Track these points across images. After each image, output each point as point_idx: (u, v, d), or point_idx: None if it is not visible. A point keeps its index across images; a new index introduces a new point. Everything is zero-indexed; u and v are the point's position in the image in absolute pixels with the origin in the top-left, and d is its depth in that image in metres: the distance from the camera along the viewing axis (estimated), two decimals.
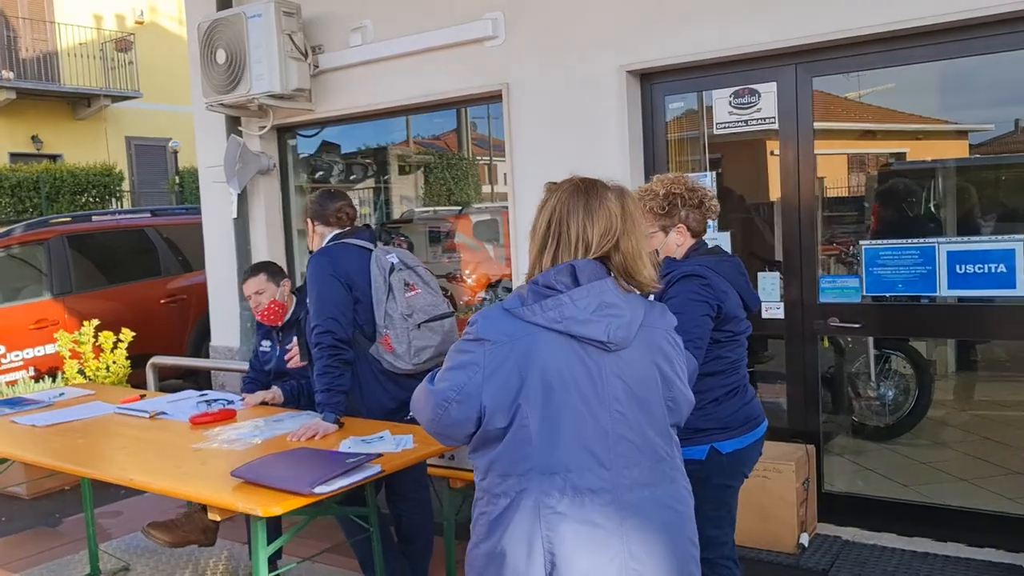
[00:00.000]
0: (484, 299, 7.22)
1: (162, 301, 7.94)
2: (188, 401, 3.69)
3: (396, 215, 7.64)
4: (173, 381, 7.62)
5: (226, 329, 6.74)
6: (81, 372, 6.08)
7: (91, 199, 14.65)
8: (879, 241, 4.17)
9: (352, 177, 7.20)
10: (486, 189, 7.85)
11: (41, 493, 5.63)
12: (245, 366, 5.97)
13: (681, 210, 2.78)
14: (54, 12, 18.20)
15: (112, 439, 3.19)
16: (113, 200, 15.07)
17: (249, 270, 4.02)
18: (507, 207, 7.79)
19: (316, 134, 6.66)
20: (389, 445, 2.84)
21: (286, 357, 3.78)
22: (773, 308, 4.39)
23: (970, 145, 4.57)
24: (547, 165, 5.01)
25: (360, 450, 2.79)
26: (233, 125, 6.29)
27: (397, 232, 7.21)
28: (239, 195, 6.32)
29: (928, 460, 4.99)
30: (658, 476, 1.98)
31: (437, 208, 7.59)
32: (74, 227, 7.65)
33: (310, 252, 3.52)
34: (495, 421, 1.89)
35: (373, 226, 7.02)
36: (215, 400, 3.55)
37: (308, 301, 3.29)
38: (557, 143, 4.96)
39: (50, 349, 7.08)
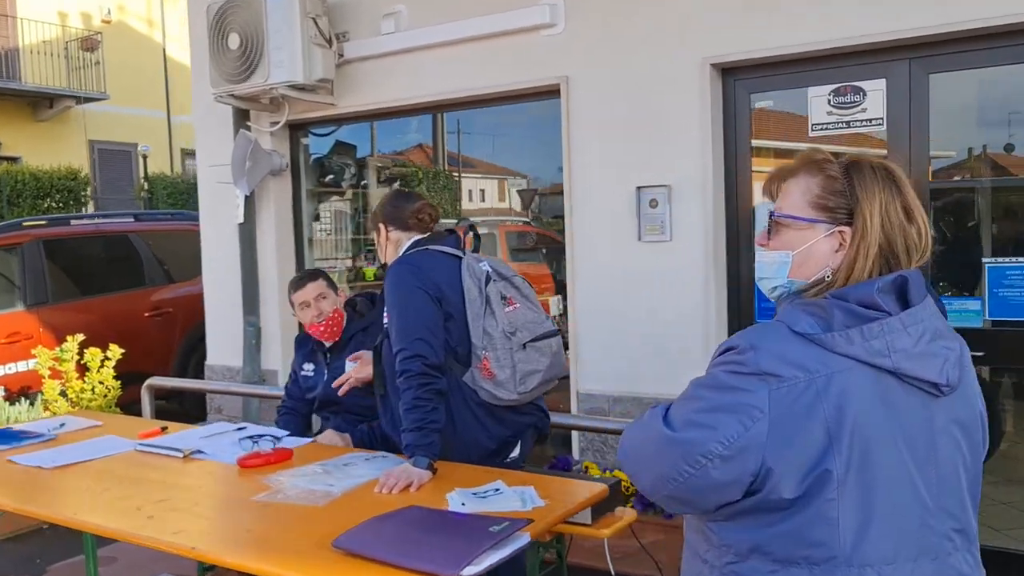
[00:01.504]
0: None
1: (146, 314, 7.22)
2: (225, 437, 3.06)
3: None
4: (159, 403, 6.88)
5: (224, 347, 6.08)
6: (63, 394, 5.37)
7: (54, 204, 13.75)
8: (1006, 259, 3.70)
9: (363, 183, 6.60)
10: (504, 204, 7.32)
11: (13, 532, 4.89)
12: (256, 389, 5.34)
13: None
14: (16, 7, 17.26)
15: (145, 487, 2.55)
16: (79, 206, 14.16)
17: (305, 275, 3.41)
18: (505, 221, 7.30)
19: (331, 132, 6.05)
20: (512, 501, 2.26)
21: (336, 383, 3.17)
22: None
23: None
24: (610, 169, 4.49)
25: (477, 507, 2.20)
26: (241, 120, 5.65)
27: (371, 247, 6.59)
28: (246, 198, 5.68)
29: (1009, 500, 4.52)
30: (975, 568, 1.45)
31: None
32: (50, 231, 6.91)
33: (383, 266, 2.92)
34: (781, 489, 1.34)
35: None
36: (260, 436, 2.94)
37: (387, 320, 2.69)
38: (623, 145, 4.44)
39: (23, 366, 6.33)
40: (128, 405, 5.75)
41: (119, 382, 5.47)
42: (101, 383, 5.47)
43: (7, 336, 6.30)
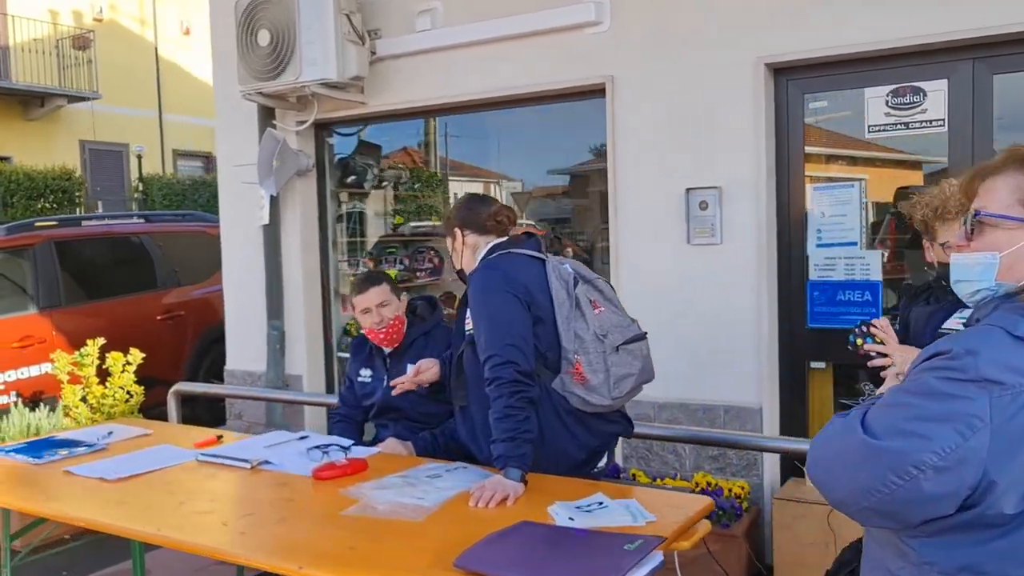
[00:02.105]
0: None
1: (158, 317, 7.05)
2: (289, 446, 2.93)
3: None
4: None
5: (245, 351, 5.94)
6: (83, 399, 5.20)
7: (48, 204, 13.48)
8: None
9: (384, 184, 6.47)
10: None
11: (33, 541, 4.71)
12: (283, 394, 5.20)
13: None
14: (6, 4, 16.96)
15: (222, 501, 2.42)
16: (73, 207, 13.90)
17: (366, 278, 3.28)
18: (530, 223, 7.20)
19: (357, 132, 5.93)
20: (621, 515, 2.15)
21: (393, 382, 3.04)
22: None
23: None
24: (657, 171, 4.40)
25: (586, 522, 2.10)
26: (267, 119, 5.52)
27: (391, 249, 6.49)
28: (271, 199, 5.54)
29: None
30: None
31: (436, 223, 6.89)
32: (62, 232, 6.72)
33: (460, 272, 2.80)
34: (1001, 504, 1.25)
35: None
36: (327, 446, 2.81)
37: (469, 327, 2.57)
38: (671, 146, 4.34)
39: (35, 371, 6.16)
40: (143, 411, 5.59)
41: (142, 387, 5.31)
42: (121, 388, 5.30)
43: (20, 340, 6.12)
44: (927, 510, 1.29)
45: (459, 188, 7.09)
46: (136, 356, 5.39)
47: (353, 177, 6.19)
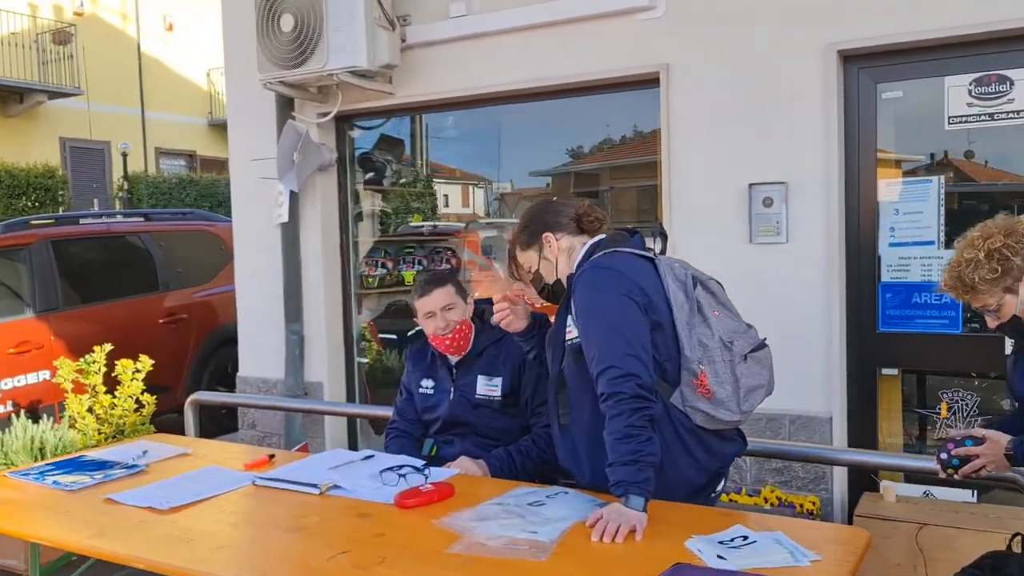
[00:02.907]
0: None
1: (161, 321, 6.69)
2: (355, 468, 2.61)
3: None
4: (170, 416, 6.34)
5: (259, 357, 5.60)
6: (90, 410, 4.84)
7: (30, 203, 12.99)
8: None
9: (402, 181, 6.16)
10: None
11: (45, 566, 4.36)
12: (305, 404, 4.88)
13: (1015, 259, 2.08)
14: None
15: (305, 538, 2.10)
16: (55, 206, 13.42)
17: (430, 279, 2.96)
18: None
19: (380, 125, 5.61)
20: (777, 553, 1.87)
21: (496, 317, 2.62)
22: None
23: None
24: (716, 165, 4.13)
25: (740, 561, 1.82)
26: (286, 110, 5.19)
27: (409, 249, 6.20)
28: (290, 195, 5.21)
29: None
30: None
31: (437, 223, 6.59)
32: (59, 231, 6.34)
33: (545, 290, 2.49)
34: None
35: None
36: (399, 467, 2.50)
37: (580, 334, 2.27)
38: (732, 139, 4.08)
39: (32, 379, 5.78)
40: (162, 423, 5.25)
41: (154, 396, 4.96)
42: (131, 397, 4.95)
43: (16, 345, 5.74)
44: None
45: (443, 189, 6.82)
46: (146, 363, 5.05)
47: (372, 173, 5.88)
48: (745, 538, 1.96)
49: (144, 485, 2.52)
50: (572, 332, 2.30)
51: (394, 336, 6.13)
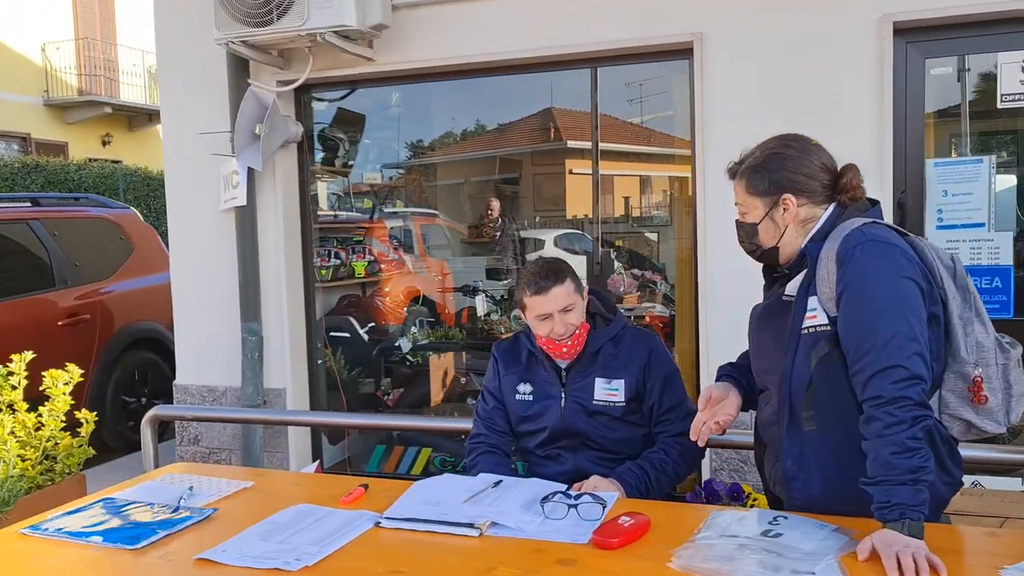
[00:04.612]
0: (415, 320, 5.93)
1: (60, 323, 5.74)
2: (496, 497, 2.11)
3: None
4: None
5: (204, 362, 4.87)
6: (12, 433, 3.97)
7: None
8: None
9: (351, 163, 5.57)
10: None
11: None
12: (272, 415, 4.24)
13: None
14: None
15: None
16: None
17: (547, 272, 2.44)
18: (426, 212, 6.49)
19: (344, 97, 4.99)
20: None
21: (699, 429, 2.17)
22: None
23: None
24: (751, 143, 3.84)
25: None
26: (240, 75, 4.49)
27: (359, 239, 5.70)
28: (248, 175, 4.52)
29: None
30: None
31: (349, 213, 6.11)
32: None
33: (758, 251, 2.06)
34: None
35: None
36: (553, 494, 2.03)
37: (845, 320, 1.85)
38: (770, 115, 3.80)
39: None
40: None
41: (94, 413, 4.14)
42: (61, 415, 4.11)
43: None
44: None
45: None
46: (75, 373, 4.22)
47: (324, 153, 5.25)
48: None
49: (233, 537, 1.91)
50: (815, 317, 1.91)
51: (347, 335, 5.54)
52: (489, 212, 5.84)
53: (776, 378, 2.02)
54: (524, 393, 2.59)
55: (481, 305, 6.06)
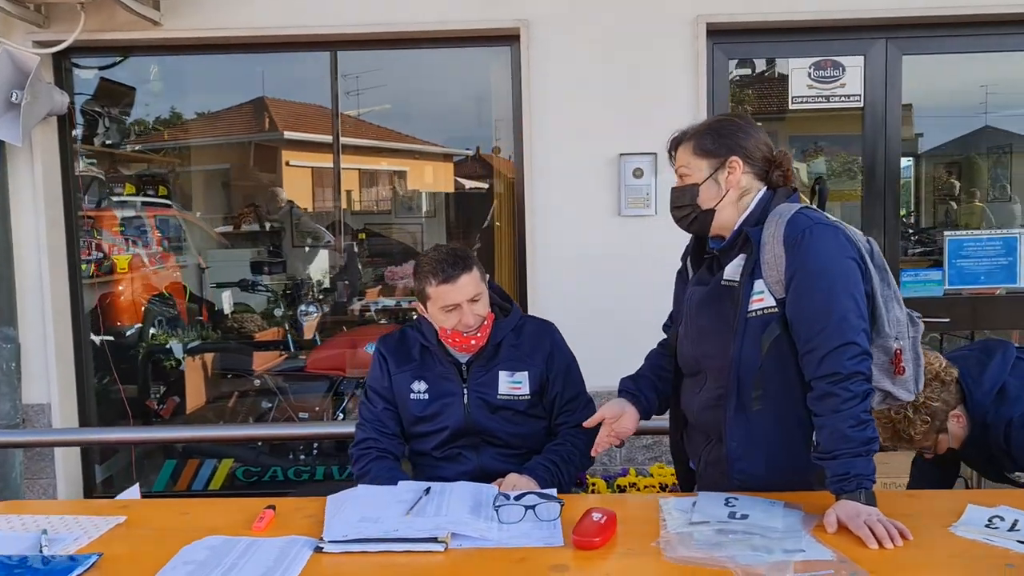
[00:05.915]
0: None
1: None
2: (436, 506, 1.89)
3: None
4: None
5: None
6: None
7: None
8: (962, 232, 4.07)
9: (109, 142, 4.91)
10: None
11: None
12: (33, 436, 3.61)
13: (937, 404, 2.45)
14: None
15: None
16: None
17: (455, 259, 2.20)
18: (159, 202, 6.02)
19: (111, 66, 4.34)
20: None
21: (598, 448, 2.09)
22: None
23: None
24: (579, 133, 3.94)
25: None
26: None
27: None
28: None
29: None
30: None
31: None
32: None
33: (691, 212, 2.01)
34: None
35: None
36: (518, 496, 1.86)
37: (793, 301, 1.86)
38: (595, 105, 3.91)
39: None
40: None
41: None
42: None
43: None
44: None
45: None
46: None
47: (86, 130, 4.56)
48: (1003, 518, 1.81)
49: None
50: (762, 300, 1.92)
51: (111, 338, 4.88)
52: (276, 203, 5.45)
53: (719, 362, 2.02)
54: (419, 392, 2.38)
55: (260, 301, 5.64)
